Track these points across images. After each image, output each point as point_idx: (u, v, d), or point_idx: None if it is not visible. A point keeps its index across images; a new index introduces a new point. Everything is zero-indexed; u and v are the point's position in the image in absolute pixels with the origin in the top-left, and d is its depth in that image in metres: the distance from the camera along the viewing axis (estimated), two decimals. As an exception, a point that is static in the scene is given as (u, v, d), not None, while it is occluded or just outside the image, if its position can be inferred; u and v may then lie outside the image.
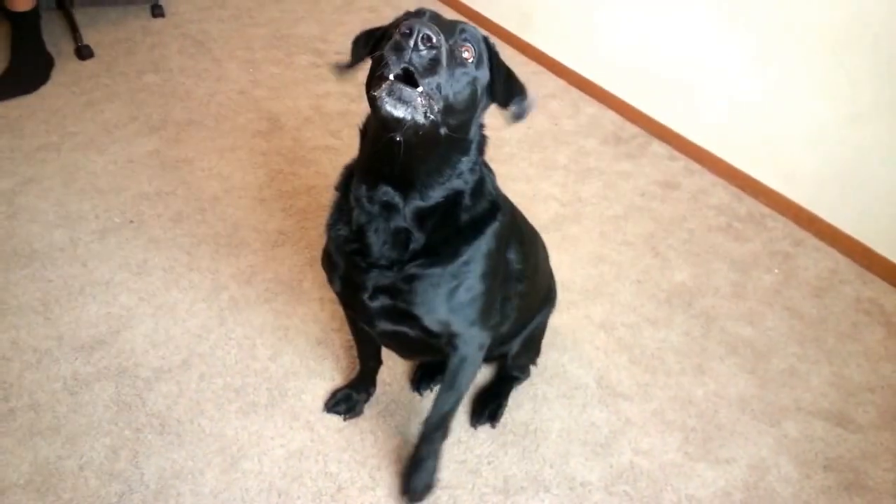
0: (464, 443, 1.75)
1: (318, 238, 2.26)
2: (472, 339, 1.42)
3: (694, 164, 2.90)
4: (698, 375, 2.00)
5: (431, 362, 1.88)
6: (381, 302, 1.35)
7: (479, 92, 1.19)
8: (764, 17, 2.55)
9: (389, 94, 1.05)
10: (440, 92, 1.08)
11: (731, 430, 1.86)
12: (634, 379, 1.97)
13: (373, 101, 1.08)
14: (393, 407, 1.82)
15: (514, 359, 1.81)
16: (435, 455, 1.61)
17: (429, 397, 1.85)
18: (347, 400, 1.77)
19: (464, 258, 1.32)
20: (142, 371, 1.82)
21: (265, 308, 2.02)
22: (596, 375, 1.97)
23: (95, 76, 2.94)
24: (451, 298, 1.35)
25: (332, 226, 1.39)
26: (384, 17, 3.75)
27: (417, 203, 1.25)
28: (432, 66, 1.05)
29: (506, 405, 1.83)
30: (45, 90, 2.82)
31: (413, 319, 1.36)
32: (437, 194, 1.25)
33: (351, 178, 1.33)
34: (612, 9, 3.09)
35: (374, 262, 1.31)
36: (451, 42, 1.11)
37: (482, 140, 1.30)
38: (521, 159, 2.79)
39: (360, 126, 1.30)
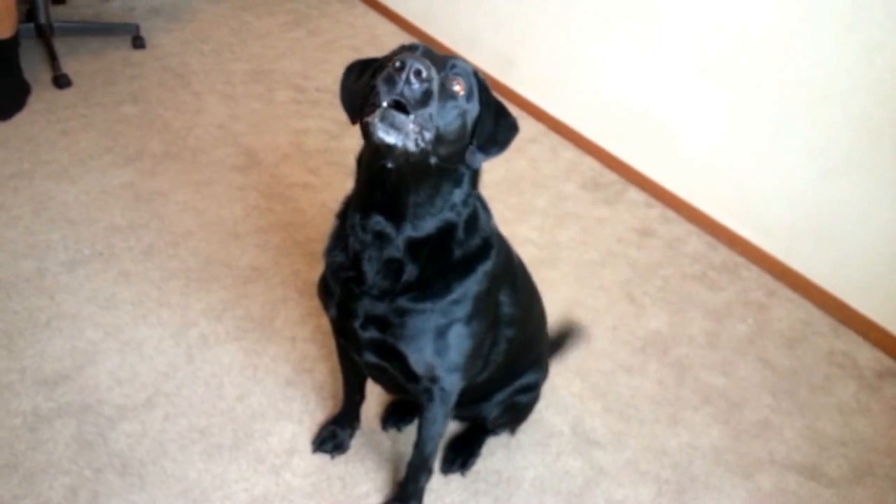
0: (434, 491, 1.71)
1: (292, 275, 2.23)
2: (451, 387, 1.41)
3: (670, 212, 2.92)
4: (672, 425, 1.99)
5: (404, 400, 1.86)
6: (371, 333, 1.35)
7: (469, 124, 1.20)
8: (740, 71, 2.59)
9: (382, 119, 1.06)
10: (431, 122, 1.09)
11: (704, 483, 1.84)
12: (609, 427, 1.95)
13: (365, 128, 1.09)
14: (363, 451, 1.78)
15: (493, 422, 1.77)
16: (419, 496, 1.64)
17: (399, 438, 1.81)
18: (333, 437, 1.75)
19: (454, 296, 1.32)
20: (105, 408, 1.77)
21: (235, 346, 1.98)
22: (571, 423, 1.94)
23: (72, 105, 2.91)
24: (439, 339, 1.34)
25: (329, 252, 1.40)
26: (367, 56, 3.78)
27: (410, 234, 1.25)
28: (424, 99, 1.07)
29: (479, 455, 1.80)
30: (20, 118, 2.78)
31: (398, 357, 1.36)
32: (429, 225, 1.25)
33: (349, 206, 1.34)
34: (592, 57, 3.13)
35: (368, 290, 1.31)
36: (442, 75, 1.13)
37: (475, 173, 1.30)
38: (499, 202, 2.79)
39: (357, 156, 1.30)
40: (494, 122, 1.24)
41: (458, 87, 1.16)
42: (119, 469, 1.64)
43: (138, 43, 3.44)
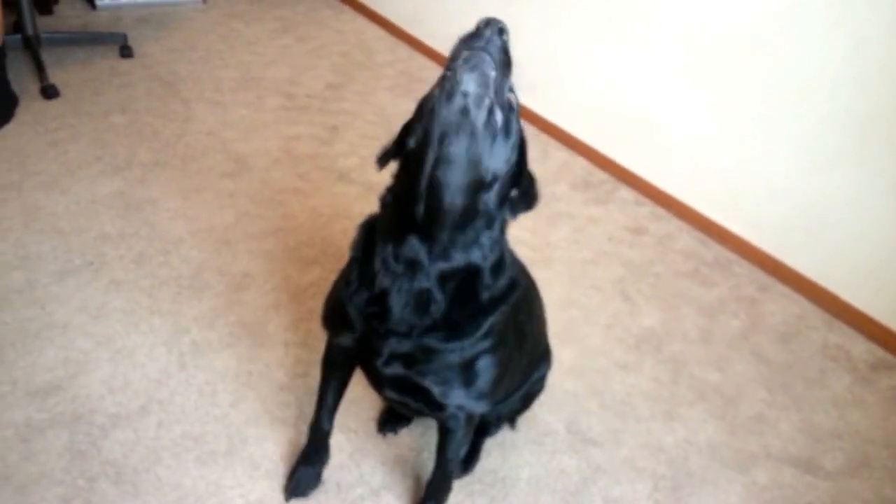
0: (430, 492, 1.70)
1: (283, 281, 2.23)
2: (478, 412, 1.42)
3: (661, 210, 2.93)
4: (668, 422, 1.98)
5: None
6: (394, 370, 1.32)
7: (511, 156, 1.18)
8: (727, 69, 2.60)
9: (466, 61, 1.02)
10: (503, 100, 1.07)
11: (700, 478, 1.84)
12: (605, 425, 1.95)
13: (443, 81, 1.07)
14: (358, 456, 1.77)
15: (502, 417, 1.80)
16: None
17: (394, 441, 1.80)
18: (307, 478, 1.66)
19: (482, 331, 1.30)
20: (98, 418, 1.76)
21: (227, 352, 1.98)
22: (566, 421, 1.94)
23: (61, 116, 2.90)
24: (466, 372, 1.33)
25: (352, 290, 1.33)
26: (355, 62, 3.80)
27: (440, 264, 1.20)
28: (505, 60, 1.05)
29: (479, 458, 1.79)
30: (8, 129, 2.77)
31: (422, 392, 1.34)
32: (458, 257, 1.20)
33: (371, 238, 1.28)
34: (581, 59, 3.14)
35: (394, 327, 1.27)
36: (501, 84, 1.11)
37: (504, 221, 1.27)
38: (491, 203, 2.79)
39: (380, 196, 1.25)
40: (528, 187, 1.26)
41: (512, 101, 1.14)
42: (113, 478, 1.63)
43: (126, 52, 3.44)
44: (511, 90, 1.14)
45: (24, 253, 2.21)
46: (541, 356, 1.76)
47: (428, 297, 1.23)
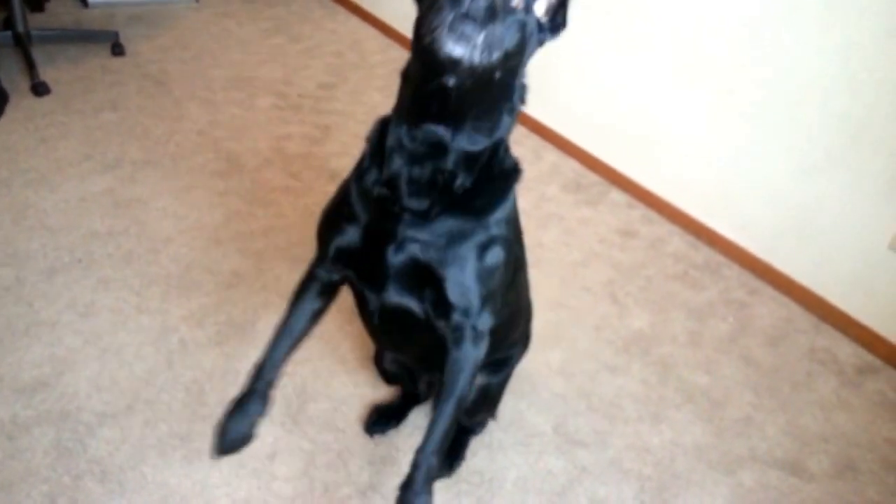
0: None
1: (273, 280, 2.22)
2: (482, 325, 1.33)
3: (652, 213, 2.93)
4: (655, 423, 1.99)
5: (389, 407, 1.86)
6: (406, 254, 1.27)
7: (528, 36, 1.18)
8: (718, 72, 2.61)
9: (451, 30, 1.02)
10: (498, 40, 1.06)
11: (686, 480, 1.84)
12: (592, 426, 1.95)
13: (428, 45, 1.05)
14: (346, 455, 1.77)
15: (468, 412, 1.70)
16: (430, 490, 1.36)
17: (382, 441, 1.80)
18: (237, 430, 1.42)
19: (495, 216, 1.29)
20: (84, 415, 1.75)
21: (216, 351, 1.97)
22: (553, 422, 1.94)
23: (51, 113, 2.90)
24: (479, 261, 1.28)
25: (361, 174, 1.31)
26: (349, 62, 3.80)
27: (465, 146, 1.19)
28: (489, 15, 1.04)
29: (463, 457, 1.79)
30: (-2, 126, 2.77)
31: (433, 283, 1.28)
32: (483, 141, 1.21)
33: (384, 129, 1.27)
34: (573, 61, 3.14)
35: (408, 206, 1.24)
36: None
37: (523, 87, 1.27)
38: (482, 205, 2.79)
39: (402, 70, 1.24)
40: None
41: (516, 2, 1.13)
42: (98, 476, 1.62)
43: (118, 50, 3.43)
44: None
45: (13, 250, 2.20)
46: (517, 338, 1.69)
47: (449, 177, 1.22)
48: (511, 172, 1.33)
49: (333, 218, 1.38)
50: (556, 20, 1.26)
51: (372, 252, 1.30)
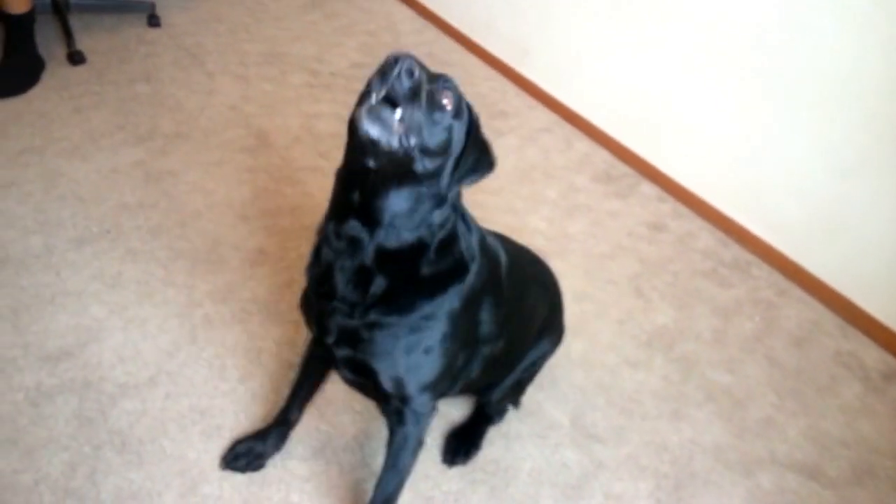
0: (432, 478, 1.71)
1: (298, 259, 2.23)
2: (421, 408, 1.40)
3: (682, 207, 2.90)
4: (675, 421, 1.98)
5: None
6: (343, 351, 1.35)
7: (453, 141, 1.19)
8: (756, 67, 2.56)
9: (369, 112, 1.07)
10: (417, 126, 1.10)
11: (704, 479, 1.83)
12: (610, 421, 1.94)
13: (351, 124, 1.12)
14: (362, 438, 1.78)
15: (497, 402, 1.79)
16: None
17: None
18: (248, 454, 1.65)
19: (422, 312, 1.30)
20: (107, 386, 1.78)
21: (239, 328, 1.99)
22: (571, 415, 1.94)
23: (85, 82, 2.92)
24: (409, 354, 1.32)
25: (309, 267, 1.38)
26: (383, 42, 3.79)
27: (382, 241, 1.22)
28: (412, 95, 1.08)
29: (480, 447, 1.79)
30: (33, 93, 2.78)
31: (370, 374, 1.35)
32: (402, 238, 1.22)
33: None
34: (608, 49, 3.10)
35: (338, 303, 1.29)
36: (431, 86, 1.14)
37: (458, 196, 1.29)
38: (510, 192, 2.78)
39: (336, 170, 1.28)
40: (478, 156, 1.23)
41: (446, 101, 1.16)
42: (118, 446, 1.65)
43: (154, 21, 3.44)
44: (446, 85, 1.17)
45: (44, 218, 2.23)
46: (538, 339, 1.73)
47: (368, 274, 1.25)
48: (449, 274, 1.31)
49: (303, 307, 1.47)
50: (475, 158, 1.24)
51: (323, 342, 1.39)
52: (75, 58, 3.01)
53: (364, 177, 1.15)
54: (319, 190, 2.56)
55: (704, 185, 2.87)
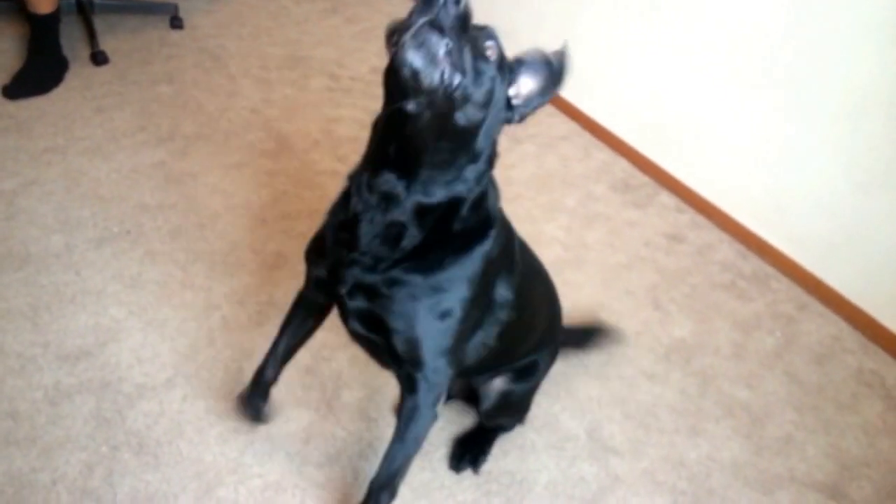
0: (447, 488, 1.70)
1: (316, 264, 2.23)
2: (434, 376, 1.34)
3: (701, 218, 2.88)
4: (692, 436, 1.96)
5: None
6: (358, 303, 1.30)
7: (496, 93, 1.13)
8: (782, 75, 2.54)
9: (414, 37, 0.99)
10: (463, 63, 1.04)
11: (721, 497, 1.81)
12: (627, 434, 1.93)
13: (392, 56, 1.04)
14: (377, 444, 1.77)
15: (486, 415, 1.72)
16: None
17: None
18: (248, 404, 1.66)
19: (447, 274, 1.26)
20: (125, 386, 1.78)
21: (256, 331, 1.99)
22: (588, 427, 1.92)
23: (108, 83, 2.93)
24: (428, 317, 1.28)
25: (333, 211, 1.34)
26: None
27: (420, 198, 1.17)
28: (461, 26, 1.01)
29: (489, 453, 1.78)
30: (56, 93, 2.81)
31: (385, 332, 1.30)
32: (440, 193, 1.18)
33: None
34: (630, 58, 3.09)
35: (359, 257, 1.24)
36: (475, 33, 1.09)
37: (493, 154, 1.24)
38: (528, 199, 2.77)
39: (373, 119, 1.23)
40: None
41: (490, 52, 1.11)
42: (135, 448, 1.65)
43: (176, 23, 3.46)
44: (490, 34, 1.13)
45: (65, 217, 2.24)
46: (533, 345, 1.65)
47: (401, 230, 1.21)
48: (475, 232, 1.28)
49: (313, 247, 1.43)
50: (523, 110, 1.22)
51: (333, 290, 1.33)
52: (98, 58, 3.03)
53: (402, 126, 1.10)
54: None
55: (724, 196, 2.85)
